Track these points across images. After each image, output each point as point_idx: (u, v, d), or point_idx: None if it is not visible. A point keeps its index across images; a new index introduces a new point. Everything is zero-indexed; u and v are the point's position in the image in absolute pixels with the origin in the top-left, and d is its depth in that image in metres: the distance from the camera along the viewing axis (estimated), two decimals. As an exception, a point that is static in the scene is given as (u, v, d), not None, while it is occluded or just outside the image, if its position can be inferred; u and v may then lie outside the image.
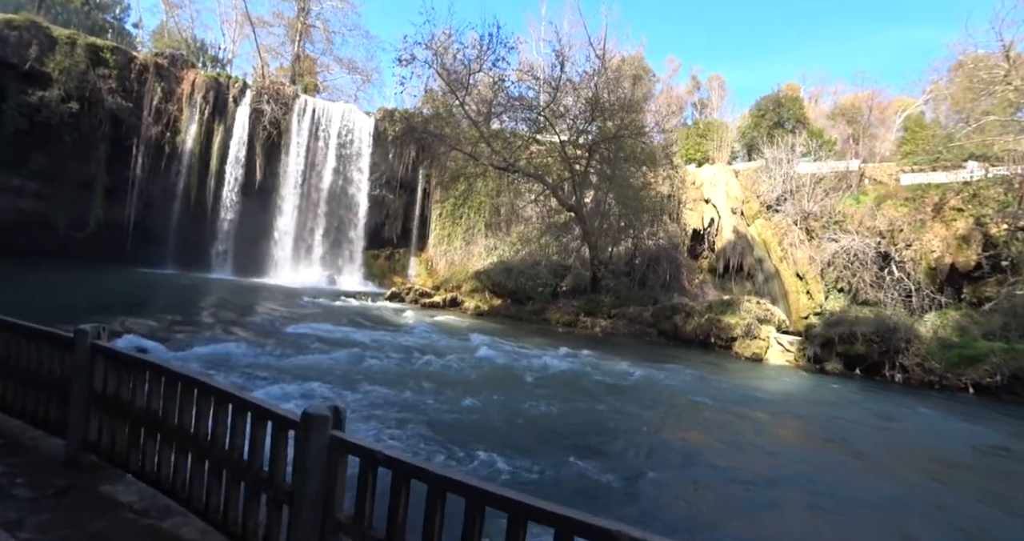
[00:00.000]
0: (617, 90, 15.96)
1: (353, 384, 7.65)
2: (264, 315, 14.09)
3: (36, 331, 3.53)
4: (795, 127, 25.96)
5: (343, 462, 1.71)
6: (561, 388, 9.16)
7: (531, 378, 9.62)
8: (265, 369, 8.07)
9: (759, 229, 23.19)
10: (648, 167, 17.23)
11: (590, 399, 8.60)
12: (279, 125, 22.95)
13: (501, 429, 6.61)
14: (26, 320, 3.78)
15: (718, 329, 16.91)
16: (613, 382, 10.12)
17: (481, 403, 7.48)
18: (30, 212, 21.25)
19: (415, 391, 7.67)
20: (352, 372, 8.46)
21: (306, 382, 7.45)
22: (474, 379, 8.98)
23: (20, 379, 3.58)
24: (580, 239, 21.11)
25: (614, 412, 8.07)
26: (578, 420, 7.37)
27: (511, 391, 8.45)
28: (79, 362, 3.15)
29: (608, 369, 11.26)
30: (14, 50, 19.43)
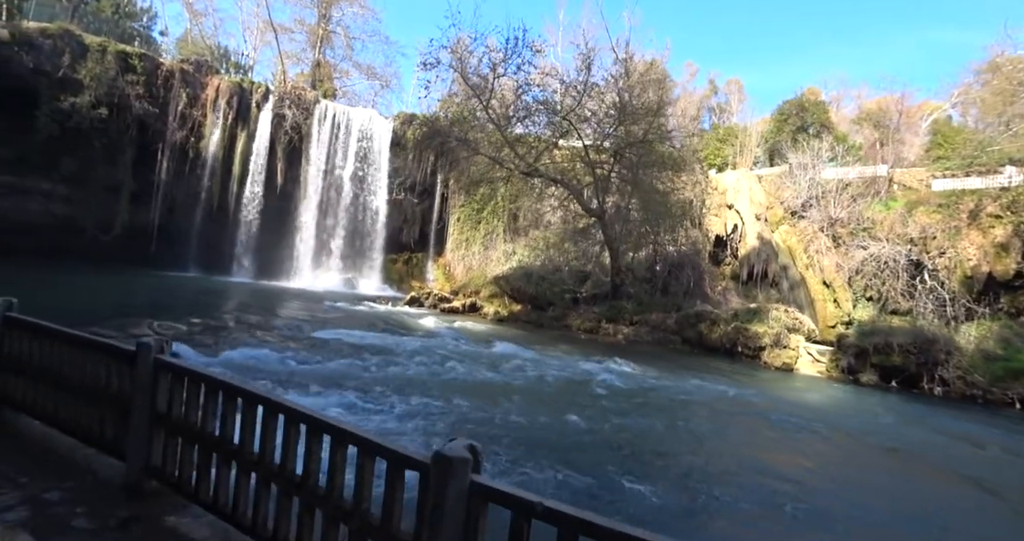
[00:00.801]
0: (644, 94, 15.74)
1: (389, 394, 7.50)
2: (288, 319, 14.08)
3: (93, 343, 3.36)
4: (819, 132, 25.43)
5: (484, 513, 1.50)
6: (600, 400, 8.91)
7: (568, 390, 9.38)
8: (298, 376, 7.97)
9: (783, 235, 22.69)
10: (674, 171, 16.93)
11: (634, 413, 8.32)
12: (300, 130, 23.17)
13: (553, 445, 6.36)
14: (58, 322, 3.69)
15: (745, 338, 16.48)
16: (651, 394, 9.83)
17: (525, 417, 7.25)
18: (60, 215, 21.68)
19: (454, 403, 7.47)
20: (386, 380, 8.31)
21: (342, 391, 7.32)
22: (510, 390, 8.77)
23: (75, 393, 3.39)
24: (600, 244, 20.85)
25: (663, 427, 7.77)
26: (628, 436, 7.09)
27: (553, 404, 8.22)
28: (141, 379, 2.95)
29: (641, 379, 10.98)
30: (48, 58, 19.92)
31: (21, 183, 21.11)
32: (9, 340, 3.85)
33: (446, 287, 22.82)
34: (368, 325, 14.26)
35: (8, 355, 3.86)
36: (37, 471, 3.08)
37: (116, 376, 3.18)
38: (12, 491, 2.82)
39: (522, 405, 7.74)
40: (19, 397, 3.77)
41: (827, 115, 27.12)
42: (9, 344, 3.86)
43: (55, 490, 2.90)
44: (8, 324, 3.86)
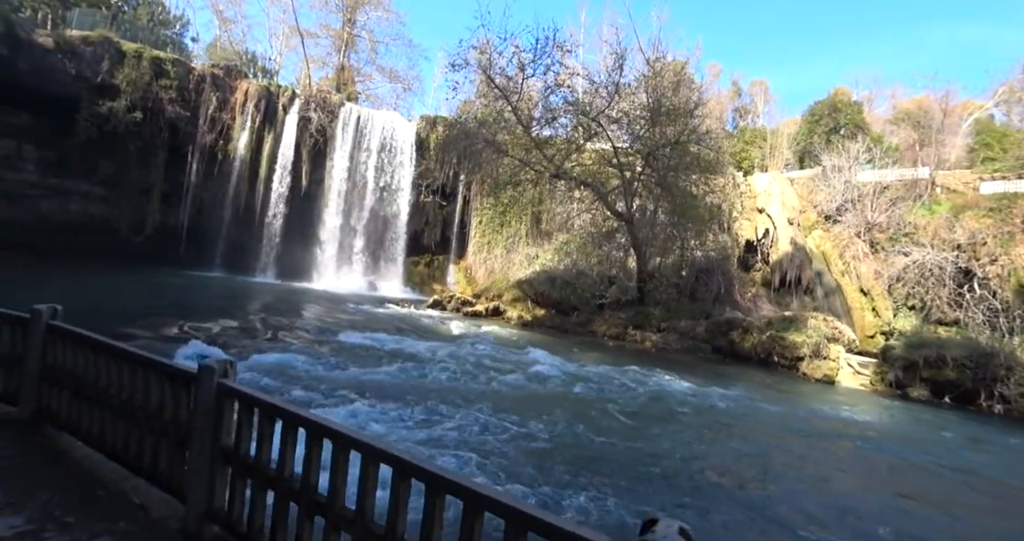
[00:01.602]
0: (676, 94, 15.30)
1: (432, 405, 7.20)
2: (314, 321, 14.04)
3: (147, 360, 2.99)
4: (853, 133, 24.46)
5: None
6: (643, 412, 8.50)
7: (608, 403, 8.96)
8: (332, 384, 7.74)
9: (816, 240, 21.83)
10: (709, 174, 16.39)
11: (686, 432, 7.86)
12: (325, 132, 23.40)
13: (611, 468, 5.99)
14: (92, 322, 3.53)
15: (782, 347, 15.77)
16: (695, 407, 9.36)
17: (574, 434, 6.90)
18: (96, 216, 22.32)
19: (503, 417, 7.13)
20: (425, 390, 8.04)
21: (382, 401, 7.08)
22: (553, 403, 8.41)
23: (124, 416, 3.04)
24: (624, 249, 20.36)
25: (716, 446, 7.34)
26: (685, 459, 6.66)
27: (599, 420, 7.83)
28: (202, 406, 2.58)
29: (680, 391, 10.51)
30: (88, 64, 20.58)
31: (62, 185, 21.84)
32: (53, 350, 3.60)
33: (467, 290, 22.62)
34: (394, 329, 14.11)
35: (52, 366, 3.59)
36: (84, 507, 2.80)
37: (172, 400, 2.84)
38: (58, 534, 2.52)
39: (569, 420, 7.39)
40: (62, 414, 3.47)
41: (861, 116, 26.09)
42: (53, 354, 3.59)
43: (106, 535, 2.57)
44: (52, 333, 3.62)
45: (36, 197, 21.73)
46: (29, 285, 14.15)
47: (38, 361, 3.61)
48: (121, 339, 8.72)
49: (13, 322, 3.78)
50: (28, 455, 3.30)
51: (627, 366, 12.20)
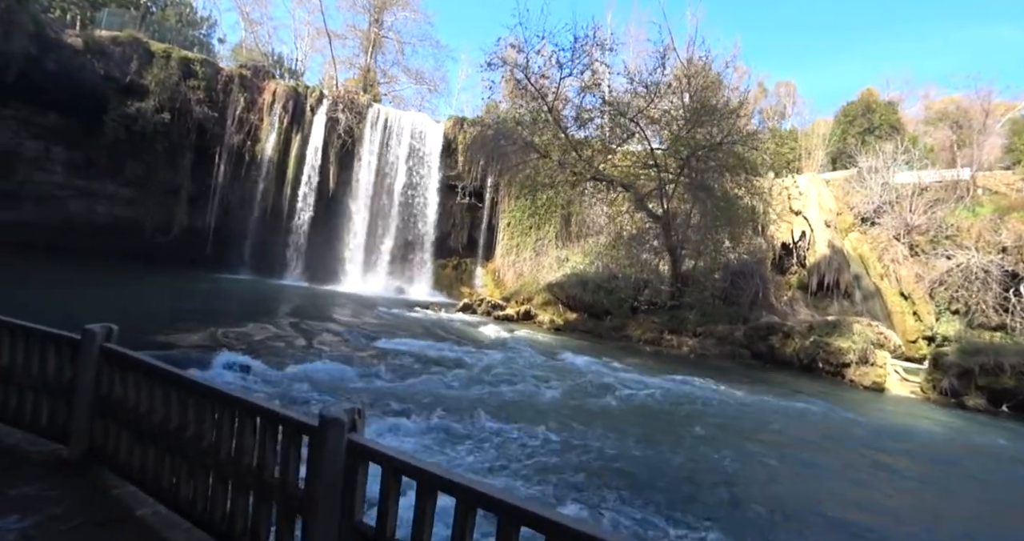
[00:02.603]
0: (717, 94, 14.92)
1: (487, 420, 6.87)
2: (347, 326, 13.80)
3: (248, 407, 2.39)
4: (888, 133, 23.93)
5: None
6: (706, 425, 8.13)
7: (665, 413, 8.64)
8: (380, 395, 7.43)
9: (854, 243, 21.33)
10: (753, 175, 15.99)
11: (745, 445, 7.46)
12: (352, 133, 23.23)
13: (691, 485, 5.68)
14: (125, 328, 3.18)
15: (826, 353, 15.34)
16: (758, 420, 8.99)
17: (638, 448, 6.58)
18: (123, 217, 22.28)
19: (560, 432, 6.80)
20: (475, 402, 7.72)
21: (432, 414, 6.75)
22: (603, 414, 8.11)
23: (211, 472, 2.46)
24: (655, 251, 20.00)
25: (795, 464, 6.95)
26: (764, 475, 6.33)
27: (661, 432, 7.51)
28: (328, 472, 2.02)
29: (731, 401, 10.14)
30: (117, 65, 20.53)
31: (89, 186, 21.82)
32: (109, 379, 3.00)
33: (495, 293, 22.34)
34: (430, 334, 13.87)
35: (108, 399, 2.99)
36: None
37: (278, 458, 2.23)
38: None
39: (636, 436, 7.06)
40: (121, 457, 2.88)
41: (896, 116, 25.54)
42: (109, 384, 3.00)
43: None
44: (108, 358, 3.02)
45: (64, 198, 21.72)
46: (57, 286, 14.05)
47: (91, 391, 3.03)
48: (156, 348, 8.50)
49: (60, 343, 3.21)
50: (82, 508, 2.66)
51: (673, 374, 11.85)
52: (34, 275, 15.32)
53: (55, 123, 20.59)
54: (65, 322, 3.66)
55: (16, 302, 10.17)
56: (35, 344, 3.26)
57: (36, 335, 3.27)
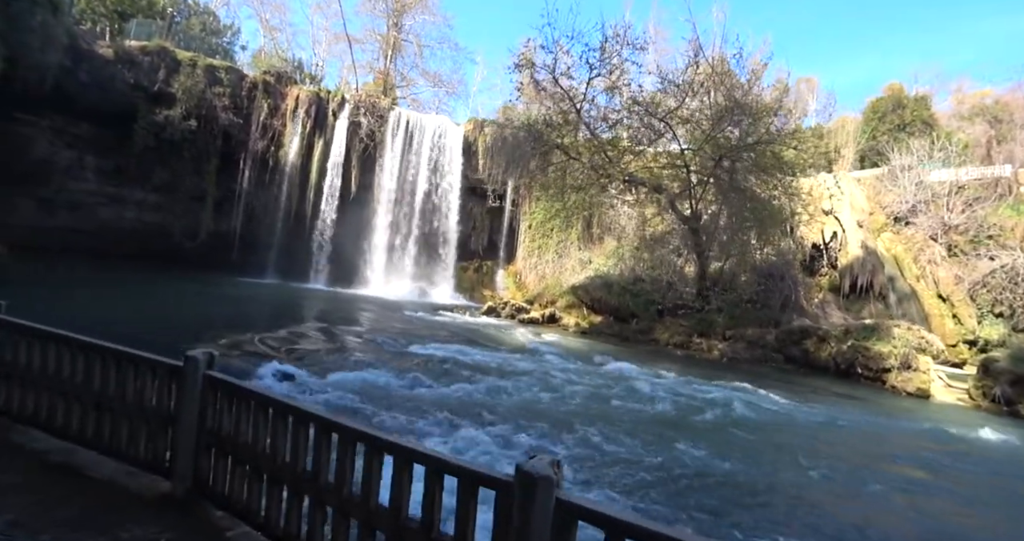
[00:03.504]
0: (750, 93, 14.57)
1: (538, 428, 6.73)
2: (377, 330, 13.79)
3: (403, 451, 2.11)
4: (921, 130, 23.17)
5: None
6: (757, 432, 7.88)
7: (712, 420, 8.39)
8: (426, 404, 7.29)
9: (887, 244, 20.69)
10: (789, 176, 15.57)
11: (799, 456, 7.14)
12: (374, 137, 23.33)
13: (753, 496, 5.45)
14: (168, 336, 3.03)
15: (865, 358, 14.86)
16: (806, 427, 8.70)
17: (692, 457, 6.38)
18: (151, 223, 22.71)
19: (610, 440, 6.61)
20: (523, 410, 7.60)
21: (482, 424, 6.63)
22: (652, 422, 7.89)
23: (352, 517, 2.24)
24: (679, 253, 19.65)
25: (861, 478, 6.63)
26: (829, 487, 6.06)
27: (712, 439, 7.28)
28: (534, 537, 1.72)
29: (776, 409, 9.83)
30: (146, 74, 20.93)
31: (119, 193, 22.28)
32: (214, 409, 2.80)
33: (518, 296, 22.20)
34: (460, 338, 13.78)
35: (216, 431, 2.76)
36: None
37: (437, 508, 1.98)
38: None
39: (686, 443, 6.85)
40: (234, 496, 2.63)
41: (929, 111, 24.73)
42: (215, 415, 2.78)
43: None
44: (213, 387, 2.81)
45: (95, 205, 22.22)
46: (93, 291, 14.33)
47: (194, 421, 2.84)
48: None
49: (160, 370, 3.04)
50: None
51: (710, 380, 11.57)
52: (70, 280, 15.67)
53: (87, 132, 21.07)
54: (106, 330, 3.66)
55: (54, 309, 10.38)
56: (133, 370, 3.12)
57: (134, 361, 3.12)
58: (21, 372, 3.54)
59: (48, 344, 3.44)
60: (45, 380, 3.45)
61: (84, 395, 3.29)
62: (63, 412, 3.38)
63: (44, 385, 3.46)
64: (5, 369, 3.61)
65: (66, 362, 3.37)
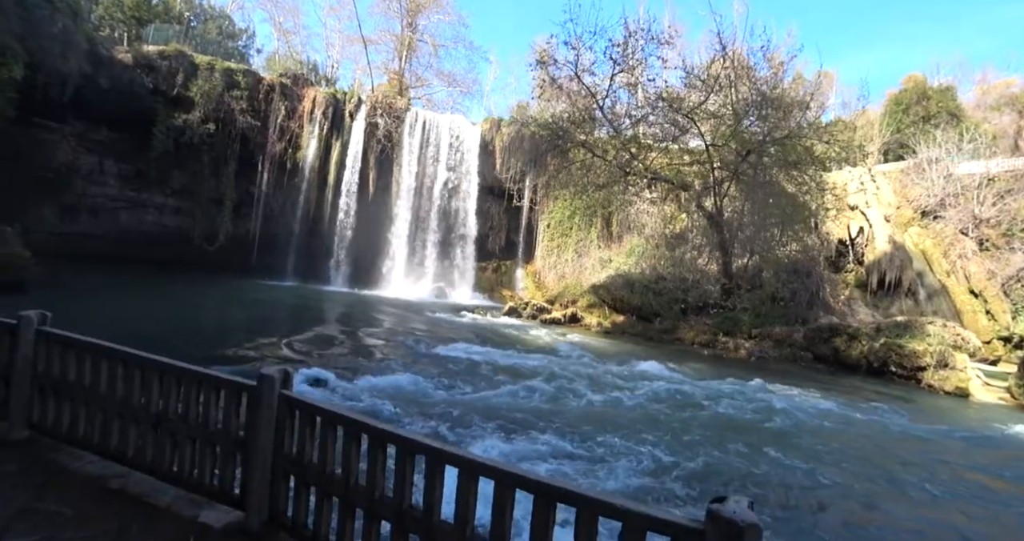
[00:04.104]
0: (779, 86, 14.25)
1: (583, 434, 6.54)
2: (403, 333, 13.74)
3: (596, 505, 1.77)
4: (948, 121, 22.63)
5: None
6: (830, 441, 7.62)
7: (778, 426, 8.14)
8: (471, 412, 7.09)
9: (915, 238, 20.24)
10: (819, 170, 15.23)
11: (858, 462, 6.94)
12: (391, 138, 23.28)
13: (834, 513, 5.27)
14: (196, 342, 2.78)
15: (899, 356, 14.52)
16: (860, 429, 8.45)
17: (750, 464, 6.18)
18: (171, 227, 22.87)
19: (660, 447, 6.42)
20: (565, 416, 7.42)
21: (527, 431, 6.44)
22: (702, 423, 7.72)
23: None
24: (700, 250, 19.37)
25: (936, 488, 6.39)
26: (908, 498, 5.82)
27: (766, 445, 7.07)
28: None
29: (828, 412, 9.58)
30: (164, 78, 21.03)
31: (138, 197, 22.47)
32: (292, 433, 2.55)
33: (537, 296, 22.05)
34: (486, 340, 13.68)
35: (297, 459, 2.51)
36: None
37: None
38: None
39: (740, 449, 6.68)
40: (322, 535, 2.41)
41: (955, 102, 24.14)
42: (298, 441, 2.53)
43: None
44: (290, 407, 2.57)
45: (116, 210, 22.42)
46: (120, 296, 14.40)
47: (269, 447, 2.60)
48: (231, 362, 8.35)
49: (225, 389, 2.81)
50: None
51: (746, 380, 11.33)
52: (94, 286, 15.76)
53: (107, 137, 21.25)
54: (138, 337, 3.47)
55: (84, 316, 10.41)
56: (196, 389, 2.88)
57: (198, 379, 2.87)
58: (70, 390, 3.32)
59: (100, 360, 3.20)
60: (97, 399, 3.21)
61: (141, 416, 3.04)
62: (118, 434, 3.13)
63: (96, 404, 3.22)
64: (53, 386, 3.38)
65: (120, 380, 3.13)
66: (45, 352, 3.38)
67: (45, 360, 3.38)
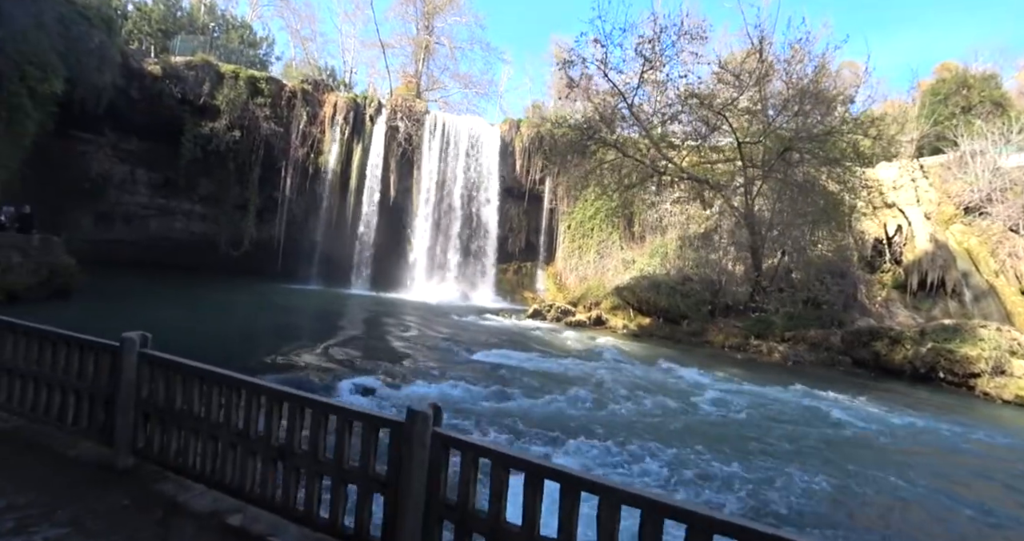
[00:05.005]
0: (820, 79, 13.65)
1: (642, 445, 6.29)
2: (435, 338, 13.67)
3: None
4: (990, 111, 21.48)
5: None
6: (910, 454, 7.20)
7: (848, 437, 7.77)
8: (524, 421, 6.90)
9: (958, 237, 19.26)
10: (861, 165, 14.58)
11: (933, 478, 6.53)
12: (411, 141, 23.34)
13: None
14: (247, 351, 2.52)
15: (949, 361, 13.77)
16: (947, 448, 7.91)
17: (811, 478, 5.82)
18: (197, 233, 23.38)
19: (725, 461, 6.15)
20: (618, 425, 7.19)
21: (588, 439, 6.22)
22: (782, 437, 7.36)
23: None
24: (725, 251, 18.81)
25: None
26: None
27: (826, 457, 6.71)
28: None
29: (887, 420, 9.10)
30: (191, 88, 21.50)
31: (167, 205, 23.03)
32: (447, 476, 2.36)
33: (558, 297, 21.79)
34: (515, 343, 13.52)
35: (452, 506, 2.31)
36: None
37: None
38: None
39: (800, 462, 6.32)
40: None
41: (999, 91, 22.90)
42: (454, 486, 2.31)
43: None
44: (444, 447, 2.37)
45: (146, 217, 23.03)
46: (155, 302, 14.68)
47: (423, 492, 2.39)
48: (276, 370, 8.26)
49: (362, 423, 2.60)
50: None
51: (787, 386, 10.89)
52: (129, 292, 16.16)
53: (138, 147, 21.83)
54: (187, 346, 3.28)
55: (128, 322, 10.57)
56: (324, 420, 2.63)
57: (332, 412, 2.64)
58: (178, 417, 3.13)
59: (212, 386, 3.00)
60: (208, 427, 3.00)
61: (261, 448, 2.79)
62: (234, 466, 2.89)
63: (207, 433, 3.00)
64: (159, 412, 3.18)
65: (236, 408, 2.91)
66: (149, 376, 3.23)
67: (149, 384, 3.23)
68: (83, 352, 3.46)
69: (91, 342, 3.43)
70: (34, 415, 3.64)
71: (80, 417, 3.48)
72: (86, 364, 3.45)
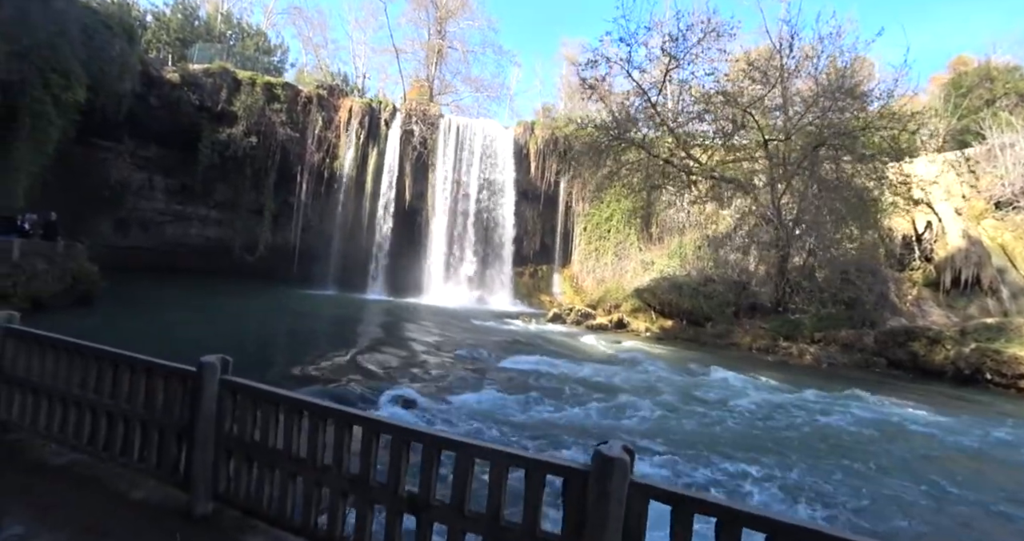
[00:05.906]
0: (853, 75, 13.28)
1: (705, 458, 5.92)
2: (459, 344, 13.32)
3: None
4: (1017, 103, 20.93)
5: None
6: (998, 466, 6.76)
7: (919, 448, 7.27)
8: (571, 433, 6.61)
9: (991, 232, 18.65)
10: (896, 161, 14.15)
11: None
12: (426, 145, 23.29)
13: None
14: (276, 360, 2.14)
15: (996, 362, 13.19)
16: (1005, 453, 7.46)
17: (881, 491, 5.42)
18: (213, 238, 23.43)
19: (791, 472, 5.75)
20: (671, 435, 6.81)
21: (660, 454, 5.87)
22: (840, 444, 7.03)
23: None
24: (745, 250, 18.37)
25: None
26: None
27: (958, 474, 6.26)
28: None
29: (950, 427, 8.60)
30: (209, 95, 21.66)
31: (184, 211, 23.14)
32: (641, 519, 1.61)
33: (577, 301, 21.44)
34: (540, 349, 13.20)
35: None
36: None
37: None
38: None
39: (866, 475, 5.92)
40: None
41: (1025, 83, 22.34)
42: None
43: None
44: (638, 494, 1.77)
45: (163, 223, 23.15)
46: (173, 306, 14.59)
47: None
48: (312, 382, 7.92)
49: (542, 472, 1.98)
50: None
51: (830, 391, 10.44)
52: (150, 297, 16.11)
53: (156, 154, 21.99)
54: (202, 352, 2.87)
55: (153, 330, 10.43)
56: (431, 457, 2.18)
57: (469, 451, 2.14)
58: (269, 456, 2.63)
59: (317, 421, 2.52)
60: (312, 470, 2.50)
61: (386, 498, 2.30)
62: (345, 516, 2.42)
63: (312, 477, 2.50)
64: (245, 450, 2.71)
65: (347, 448, 2.44)
66: (231, 407, 2.77)
67: (233, 416, 2.77)
68: (150, 377, 3.00)
69: (161, 366, 2.97)
70: (92, 449, 3.18)
71: (148, 452, 3.00)
72: (154, 391, 2.98)
